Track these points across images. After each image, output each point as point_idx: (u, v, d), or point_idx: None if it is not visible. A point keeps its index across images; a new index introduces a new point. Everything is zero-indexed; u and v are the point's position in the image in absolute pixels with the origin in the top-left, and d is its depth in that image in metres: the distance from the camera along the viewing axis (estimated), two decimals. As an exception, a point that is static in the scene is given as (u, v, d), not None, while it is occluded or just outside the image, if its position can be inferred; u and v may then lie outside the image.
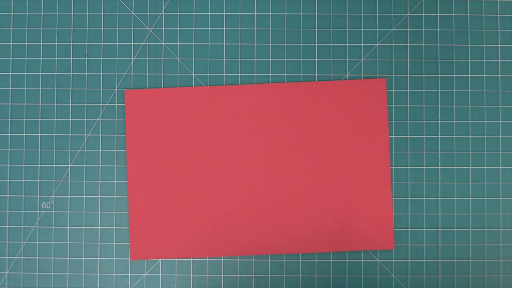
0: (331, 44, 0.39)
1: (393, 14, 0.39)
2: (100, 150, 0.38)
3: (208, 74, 0.38)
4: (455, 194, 0.38)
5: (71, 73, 0.39)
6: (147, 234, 0.38)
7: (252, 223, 0.37)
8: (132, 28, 0.39)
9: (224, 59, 0.39)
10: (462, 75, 0.39)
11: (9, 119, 0.38)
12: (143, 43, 0.39)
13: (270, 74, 0.38)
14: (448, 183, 0.38)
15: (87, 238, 0.38)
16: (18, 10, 0.39)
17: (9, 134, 0.38)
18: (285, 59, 0.39)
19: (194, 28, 0.39)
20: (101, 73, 0.38)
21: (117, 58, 0.39)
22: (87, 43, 0.39)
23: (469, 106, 0.38)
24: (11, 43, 0.39)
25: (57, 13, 0.39)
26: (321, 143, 0.38)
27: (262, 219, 0.37)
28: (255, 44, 0.39)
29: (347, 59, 0.39)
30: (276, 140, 0.38)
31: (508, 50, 0.39)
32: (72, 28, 0.39)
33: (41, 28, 0.39)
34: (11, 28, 0.39)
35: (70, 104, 0.38)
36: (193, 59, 0.39)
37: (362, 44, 0.39)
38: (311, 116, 0.38)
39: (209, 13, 0.39)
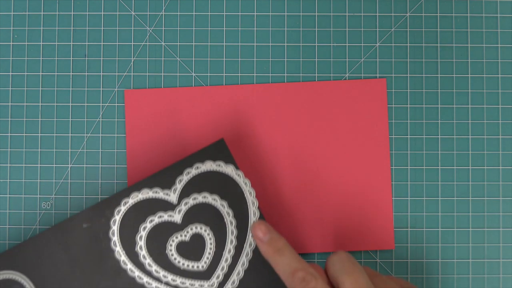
0: (331, 44, 0.39)
1: (393, 14, 0.39)
2: (100, 150, 0.38)
3: (208, 74, 0.38)
4: (455, 194, 0.38)
5: (71, 73, 0.39)
6: (147, 234, 0.37)
7: (252, 223, 0.37)
8: (132, 28, 0.39)
9: (224, 59, 0.39)
10: (462, 75, 0.39)
11: (9, 119, 0.38)
12: (143, 43, 0.39)
13: (270, 74, 0.38)
14: (448, 183, 0.38)
15: (87, 238, 0.38)
16: (18, 10, 0.39)
17: (9, 134, 0.38)
18: (285, 59, 0.39)
19: (194, 28, 0.39)
20: (101, 73, 0.38)
21: (117, 58, 0.38)
22: (87, 43, 0.39)
23: (469, 106, 0.38)
24: (11, 43, 0.39)
25: (57, 13, 0.39)
26: (321, 143, 0.38)
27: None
28: (255, 44, 0.39)
29: (347, 59, 0.39)
30: (275, 140, 0.38)
31: (508, 50, 0.39)
32: (72, 28, 0.39)
33: (41, 28, 0.39)
34: (11, 28, 0.39)
35: (70, 104, 0.38)
36: (193, 59, 0.39)
37: (362, 44, 0.39)
38: (311, 116, 0.38)
39: (209, 13, 0.39)
